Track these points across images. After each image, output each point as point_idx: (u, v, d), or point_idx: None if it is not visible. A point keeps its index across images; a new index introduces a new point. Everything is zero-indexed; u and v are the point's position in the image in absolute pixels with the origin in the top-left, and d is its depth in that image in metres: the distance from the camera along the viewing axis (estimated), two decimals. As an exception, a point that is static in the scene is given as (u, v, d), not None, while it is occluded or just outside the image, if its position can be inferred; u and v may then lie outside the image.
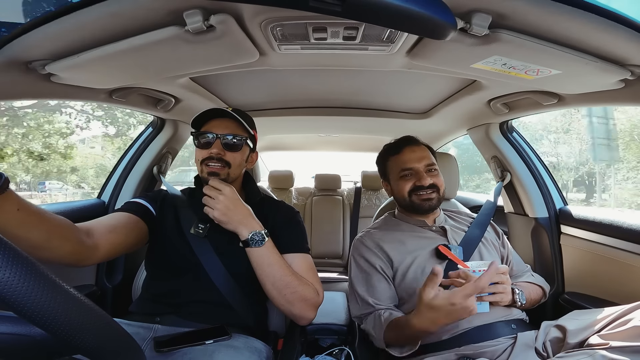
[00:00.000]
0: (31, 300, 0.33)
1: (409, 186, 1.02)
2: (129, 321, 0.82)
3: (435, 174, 1.03)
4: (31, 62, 0.66)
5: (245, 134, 0.92)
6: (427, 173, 1.01)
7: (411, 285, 0.93)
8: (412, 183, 1.02)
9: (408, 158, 1.03)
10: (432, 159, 1.04)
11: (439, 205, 1.05)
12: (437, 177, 1.02)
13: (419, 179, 1.01)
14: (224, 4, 0.57)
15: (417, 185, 1.01)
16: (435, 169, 1.04)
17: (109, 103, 1.01)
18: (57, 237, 0.65)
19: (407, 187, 1.03)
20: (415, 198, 1.02)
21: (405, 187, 1.03)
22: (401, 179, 1.04)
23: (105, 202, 1.31)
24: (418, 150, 1.04)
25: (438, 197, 1.02)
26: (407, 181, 1.03)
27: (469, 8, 0.54)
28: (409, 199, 1.03)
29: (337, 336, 1.31)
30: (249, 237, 0.80)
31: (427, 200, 1.01)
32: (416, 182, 1.01)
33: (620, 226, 1.03)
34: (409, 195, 1.03)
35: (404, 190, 1.03)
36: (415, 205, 1.03)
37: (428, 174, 1.01)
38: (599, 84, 0.77)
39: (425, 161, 1.02)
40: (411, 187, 1.02)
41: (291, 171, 2.74)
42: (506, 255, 1.07)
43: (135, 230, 0.85)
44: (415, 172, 1.02)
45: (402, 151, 1.05)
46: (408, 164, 1.03)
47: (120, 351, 0.43)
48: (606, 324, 0.70)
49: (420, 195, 1.01)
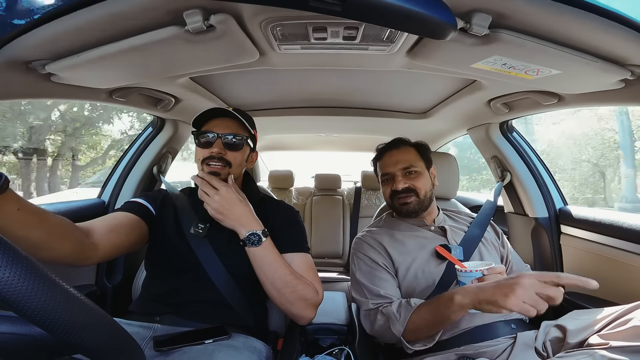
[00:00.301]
0: (31, 300, 0.33)
1: (389, 191, 1.05)
2: (128, 321, 0.82)
3: (413, 177, 1.01)
4: (31, 62, 0.66)
5: (245, 134, 0.92)
6: (404, 177, 1.01)
7: (411, 286, 0.93)
8: (390, 188, 1.04)
9: (385, 163, 1.06)
10: (411, 162, 1.03)
11: (421, 208, 1.03)
12: (415, 180, 1.01)
13: (394, 183, 1.02)
14: (224, 4, 0.57)
15: (393, 190, 1.02)
16: (416, 171, 1.02)
17: (109, 103, 1.01)
18: (58, 236, 0.65)
19: (387, 191, 1.05)
20: (395, 202, 1.04)
21: (386, 191, 1.06)
22: (383, 183, 1.08)
23: (105, 202, 1.31)
24: (395, 154, 1.05)
25: (417, 199, 1.01)
26: (387, 186, 1.06)
27: (469, 8, 0.54)
28: (392, 202, 1.05)
29: (337, 336, 1.31)
30: (247, 237, 0.80)
31: (404, 204, 1.01)
32: (392, 187, 1.03)
33: (620, 226, 1.03)
34: (391, 199, 1.05)
35: (386, 194, 1.06)
36: (396, 209, 1.05)
37: (405, 177, 1.01)
38: (599, 84, 0.76)
39: (401, 165, 1.02)
40: (390, 192, 1.04)
41: (291, 171, 2.74)
42: (506, 255, 1.07)
43: (135, 230, 0.85)
44: (392, 176, 1.03)
45: (382, 156, 1.08)
46: (385, 169, 1.05)
47: (120, 351, 0.43)
48: (606, 324, 0.70)
49: (398, 200, 1.02)
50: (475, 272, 0.81)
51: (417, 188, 1.01)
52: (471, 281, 0.81)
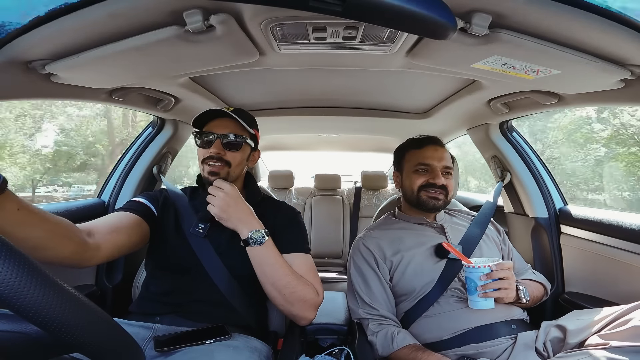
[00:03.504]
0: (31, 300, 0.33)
1: (421, 181, 1.03)
2: (129, 321, 0.82)
3: (449, 178, 1.04)
4: (31, 62, 0.66)
5: (245, 134, 0.92)
6: (443, 175, 1.03)
7: (410, 282, 0.94)
8: (425, 179, 1.03)
9: (429, 154, 1.05)
10: (450, 164, 1.06)
11: (443, 208, 1.07)
12: (449, 181, 1.04)
13: (433, 176, 1.02)
14: (224, 4, 0.57)
15: (430, 182, 1.02)
16: (451, 173, 1.05)
17: (109, 103, 1.01)
18: (59, 237, 0.65)
19: (419, 181, 1.04)
20: (423, 194, 1.03)
21: (417, 181, 1.04)
22: (415, 172, 1.05)
23: (105, 202, 1.31)
24: (440, 151, 1.06)
25: (445, 200, 1.03)
26: (420, 176, 1.04)
27: (469, 8, 0.54)
28: (417, 194, 1.04)
29: (337, 336, 1.31)
30: (249, 236, 0.80)
31: (434, 199, 1.02)
32: (430, 179, 1.02)
33: (620, 226, 1.03)
34: (418, 191, 1.03)
35: (415, 184, 1.04)
36: (421, 202, 1.03)
37: (443, 176, 1.03)
38: (599, 84, 0.76)
39: (444, 162, 1.04)
40: (423, 183, 1.03)
41: (291, 171, 2.74)
42: (507, 252, 1.07)
43: (137, 230, 0.85)
44: (432, 169, 1.03)
45: (424, 147, 1.07)
46: (427, 160, 1.04)
47: (121, 351, 0.43)
48: (606, 324, 0.71)
49: (429, 193, 1.02)
50: (483, 267, 0.81)
51: (449, 189, 1.03)
52: (479, 277, 0.81)
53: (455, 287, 0.92)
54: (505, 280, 0.82)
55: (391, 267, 0.98)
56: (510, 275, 0.83)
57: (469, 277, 0.83)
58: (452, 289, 0.92)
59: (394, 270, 0.97)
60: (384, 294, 0.96)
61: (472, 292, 0.82)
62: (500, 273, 0.81)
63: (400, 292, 0.96)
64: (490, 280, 0.81)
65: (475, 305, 0.82)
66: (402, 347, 0.84)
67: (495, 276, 0.81)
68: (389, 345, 0.86)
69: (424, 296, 0.92)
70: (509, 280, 0.83)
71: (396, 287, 0.96)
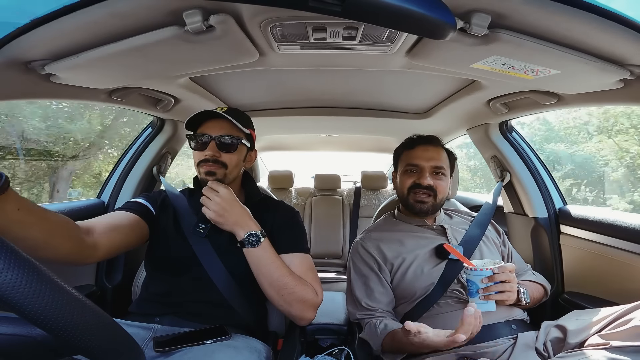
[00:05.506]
0: (33, 302, 0.33)
1: (409, 182, 1.02)
2: (128, 321, 0.82)
3: (439, 178, 1.02)
4: (31, 62, 0.66)
5: (240, 134, 0.91)
6: (432, 175, 1.01)
7: (411, 285, 0.94)
8: (412, 180, 1.02)
9: (418, 155, 1.03)
10: (443, 163, 1.03)
11: (434, 211, 1.04)
12: (439, 181, 1.01)
13: (419, 177, 1.00)
14: (224, 4, 0.57)
15: (416, 183, 1.00)
16: (443, 173, 1.02)
17: (109, 103, 1.01)
18: (58, 236, 0.65)
19: (407, 182, 1.03)
20: (411, 197, 1.02)
21: (406, 182, 1.03)
22: (404, 173, 1.05)
23: (105, 202, 1.31)
24: (431, 150, 1.03)
25: (433, 202, 1.00)
26: (409, 177, 1.03)
27: (468, 8, 0.54)
28: (407, 195, 1.03)
29: (337, 336, 1.31)
30: (245, 238, 0.80)
31: (421, 202, 1.00)
32: (416, 179, 1.01)
33: (620, 226, 1.03)
34: (408, 192, 1.03)
35: (404, 185, 1.04)
36: (409, 205, 1.03)
37: (432, 176, 1.00)
38: (598, 84, 0.77)
39: (434, 162, 1.01)
40: (410, 184, 1.02)
41: (291, 171, 2.74)
42: (507, 253, 1.07)
43: (135, 230, 0.85)
44: (420, 169, 1.01)
45: (414, 147, 1.05)
46: (415, 160, 1.02)
47: (120, 351, 0.43)
48: (606, 324, 0.70)
49: (416, 196, 1.01)
50: (485, 270, 0.80)
51: (438, 190, 1.00)
52: (481, 279, 0.80)
53: (455, 288, 0.92)
54: (507, 283, 0.81)
55: (392, 270, 0.97)
56: (512, 278, 0.82)
57: (471, 279, 0.81)
58: (451, 290, 0.91)
59: (394, 272, 0.97)
60: (385, 295, 0.96)
61: (473, 295, 0.81)
62: (502, 276, 0.80)
63: (400, 295, 0.96)
64: (492, 283, 0.80)
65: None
66: (386, 334, 0.84)
67: (497, 279, 0.80)
68: (375, 337, 0.86)
69: (424, 298, 0.91)
70: (511, 283, 0.82)
71: (396, 289, 0.96)
